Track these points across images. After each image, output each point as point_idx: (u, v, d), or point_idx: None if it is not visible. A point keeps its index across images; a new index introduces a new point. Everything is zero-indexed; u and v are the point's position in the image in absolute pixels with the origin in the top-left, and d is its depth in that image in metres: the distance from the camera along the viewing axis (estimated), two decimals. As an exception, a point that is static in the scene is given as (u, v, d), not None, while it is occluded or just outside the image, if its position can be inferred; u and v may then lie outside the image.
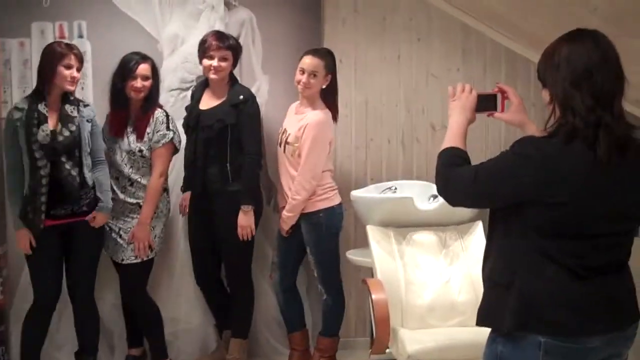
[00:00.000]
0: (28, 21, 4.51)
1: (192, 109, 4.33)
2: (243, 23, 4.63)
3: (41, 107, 3.92)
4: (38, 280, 4.04)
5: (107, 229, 4.20)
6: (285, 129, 4.34)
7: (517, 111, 2.48)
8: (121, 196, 4.21)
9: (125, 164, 4.19)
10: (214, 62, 4.21)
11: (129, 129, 4.20)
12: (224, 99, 4.30)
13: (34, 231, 3.90)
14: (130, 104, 4.20)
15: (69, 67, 3.97)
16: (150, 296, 4.38)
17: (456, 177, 2.29)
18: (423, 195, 4.26)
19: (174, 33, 4.60)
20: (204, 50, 4.24)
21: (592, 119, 2.10)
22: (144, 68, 4.16)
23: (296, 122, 4.28)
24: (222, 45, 4.22)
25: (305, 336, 4.59)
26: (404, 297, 3.82)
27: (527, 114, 2.48)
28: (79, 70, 4.03)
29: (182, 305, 4.59)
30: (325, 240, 4.34)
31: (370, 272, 4.28)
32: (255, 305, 4.59)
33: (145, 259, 4.22)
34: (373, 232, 3.98)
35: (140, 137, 4.18)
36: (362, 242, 4.63)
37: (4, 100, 4.48)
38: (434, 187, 4.13)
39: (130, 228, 4.19)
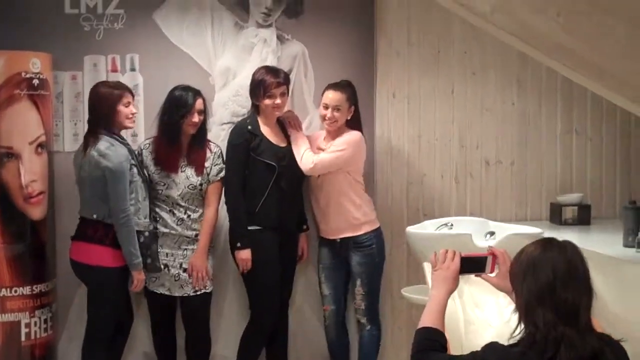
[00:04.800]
0: (81, 54, 4.53)
1: (270, 147, 4.24)
2: (295, 57, 4.60)
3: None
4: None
5: (162, 266, 4.17)
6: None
7: (506, 278, 2.44)
8: (179, 230, 4.18)
9: (182, 198, 4.16)
10: (277, 100, 4.20)
11: (183, 163, 4.17)
12: (282, 134, 4.34)
13: None
14: (181, 138, 4.18)
15: (127, 104, 4.03)
16: None
17: None
18: (479, 232, 4.15)
19: (226, 66, 4.58)
20: (263, 90, 4.17)
21: (552, 334, 2.08)
22: (200, 102, 4.16)
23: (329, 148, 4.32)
24: (281, 81, 4.20)
25: None
26: (464, 337, 3.69)
27: None
28: (133, 104, 4.12)
29: (232, 343, 4.47)
30: (376, 271, 4.40)
31: (422, 309, 4.19)
32: (303, 338, 4.66)
33: (208, 288, 4.24)
34: (430, 270, 3.87)
35: (200, 172, 4.18)
36: (414, 278, 4.57)
37: (55, 133, 4.47)
38: (491, 223, 4.16)
39: None
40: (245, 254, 4.18)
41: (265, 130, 4.25)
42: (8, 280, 4.12)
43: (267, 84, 4.17)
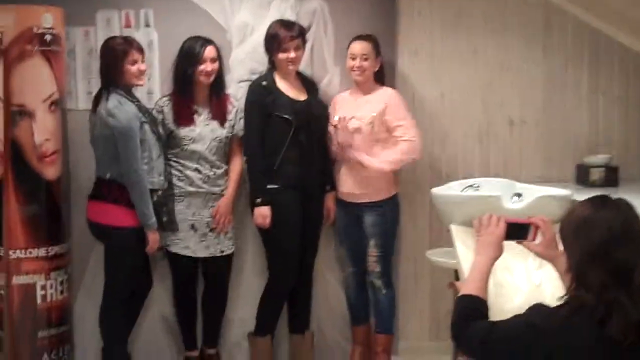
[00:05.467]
0: (93, 9, 4.39)
1: (287, 101, 4.12)
2: (314, 12, 4.47)
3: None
4: None
5: (189, 227, 4.10)
6: (344, 117, 4.20)
7: (548, 246, 2.43)
8: (205, 187, 4.11)
9: (210, 151, 4.10)
10: (291, 54, 4.09)
11: (204, 116, 4.10)
12: (303, 89, 4.23)
13: None
14: (196, 90, 4.08)
15: (134, 62, 3.89)
16: None
17: (470, 334, 2.19)
18: (506, 194, 4.04)
19: (244, 22, 4.44)
20: (277, 44, 4.09)
21: (604, 298, 1.96)
22: (210, 50, 4.06)
23: (364, 104, 4.20)
24: (294, 35, 4.11)
25: (369, 331, 4.51)
26: (493, 300, 3.58)
27: (558, 249, 2.31)
28: (143, 61, 3.97)
29: (250, 306, 4.40)
30: (391, 232, 4.33)
31: (448, 273, 4.10)
32: (322, 300, 4.58)
33: (231, 249, 4.24)
34: (458, 233, 3.75)
35: (222, 123, 4.13)
36: (437, 241, 4.48)
37: (68, 90, 4.34)
38: (517, 185, 4.05)
39: None
40: (264, 211, 4.09)
41: (282, 85, 4.16)
42: (23, 242, 4.01)
43: (280, 37, 4.08)
